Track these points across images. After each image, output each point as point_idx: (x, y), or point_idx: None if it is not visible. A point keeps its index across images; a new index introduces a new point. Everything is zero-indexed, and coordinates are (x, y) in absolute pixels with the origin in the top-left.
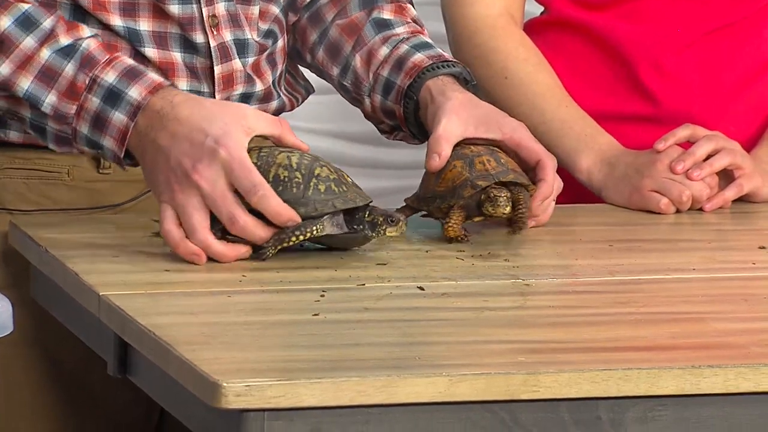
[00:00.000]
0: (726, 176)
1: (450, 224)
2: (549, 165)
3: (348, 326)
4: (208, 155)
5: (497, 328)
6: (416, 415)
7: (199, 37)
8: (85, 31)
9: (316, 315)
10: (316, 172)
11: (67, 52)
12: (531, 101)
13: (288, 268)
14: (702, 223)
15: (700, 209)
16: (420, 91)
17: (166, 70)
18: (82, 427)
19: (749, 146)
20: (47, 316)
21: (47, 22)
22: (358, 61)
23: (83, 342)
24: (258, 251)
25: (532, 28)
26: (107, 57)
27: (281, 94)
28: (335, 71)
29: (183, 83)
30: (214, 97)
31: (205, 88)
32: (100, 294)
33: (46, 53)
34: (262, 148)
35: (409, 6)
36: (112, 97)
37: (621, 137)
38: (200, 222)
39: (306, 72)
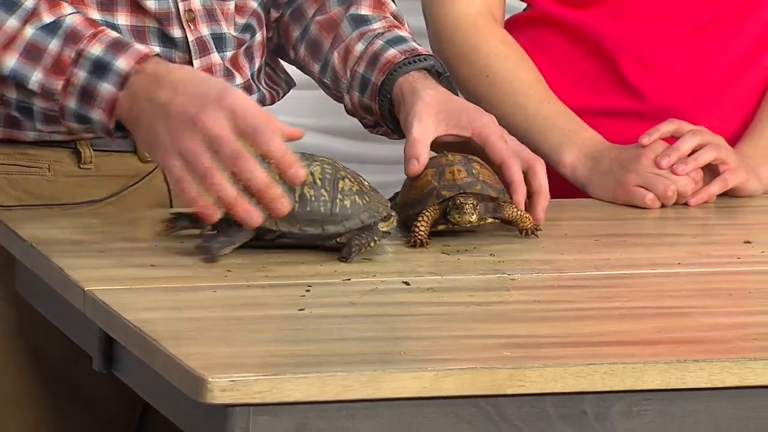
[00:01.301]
0: (711, 171)
1: (416, 233)
2: (512, 166)
3: (333, 321)
4: (213, 103)
5: (482, 323)
6: (402, 409)
7: (176, 32)
8: (67, 8)
9: (301, 310)
10: (340, 186)
11: (51, 28)
12: (513, 99)
13: (273, 263)
14: (687, 218)
15: (685, 204)
16: (392, 89)
17: None
18: (65, 421)
19: (734, 141)
20: (32, 310)
21: (29, 2)
22: (336, 58)
23: (68, 336)
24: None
25: (514, 24)
26: (92, 30)
27: (261, 87)
28: (316, 68)
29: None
30: None
31: None
32: (86, 289)
33: (29, 31)
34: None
35: (389, 1)
36: (99, 68)
37: (607, 133)
38: (211, 166)
39: (289, 66)
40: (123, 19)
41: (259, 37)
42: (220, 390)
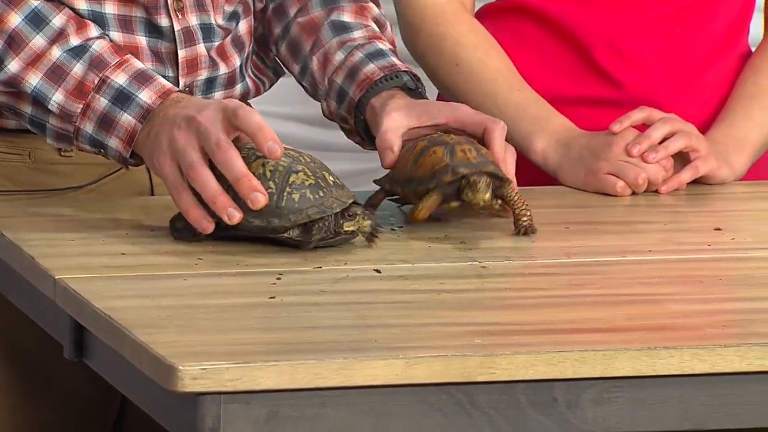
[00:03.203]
0: (682, 158)
1: (421, 207)
2: (494, 128)
3: (304, 309)
4: (212, 105)
5: (454, 311)
6: (373, 397)
7: (163, 21)
8: (93, 30)
9: (272, 298)
10: (291, 179)
11: (78, 52)
12: (483, 88)
13: (244, 252)
14: (658, 205)
15: (656, 191)
16: (365, 111)
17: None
18: (41, 410)
19: (707, 128)
20: (2, 299)
21: (57, 20)
22: (315, 63)
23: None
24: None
25: (486, 13)
26: (117, 59)
27: (246, 77)
28: (296, 69)
29: (148, 67)
30: (178, 82)
31: (170, 72)
32: (56, 277)
33: (56, 52)
34: (240, 152)
35: (371, 5)
36: (122, 98)
37: (582, 121)
38: (197, 160)
39: None
40: (110, 8)
41: (244, 25)
42: (191, 378)
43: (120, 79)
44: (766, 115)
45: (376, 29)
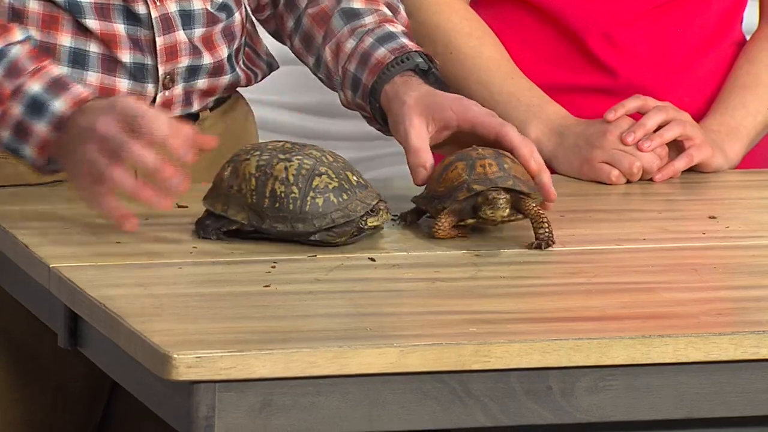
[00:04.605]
0: (676, 147)
1: (438, 226)
2: (509, 132)
3: (299, 297)
4: (104, 111)
5: (448, 299)
6: (367, 385)
7: (141, 8)
8: (17, 34)
9: (267, 286)
10: (315, 183)
11: None
12: (476, 76)
13: (239, 241)
14: (652, 194)
15: (651, 180)
16: (380, 98)
17: (108, 41)
18: (30, 397)
19: (701, 117)
20: None
21: None
22: (328, 53)
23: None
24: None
25: (481, 2)
26: (35, 66)
27: (237, 68)
28: (310, 62)
29: (126, 55)
30: (158, 70)
31: (149, 60)
32: (50, 266)
33: None
34: (263, 153)
35: None
36: (36, 106)
37: (576, 109)
38: (107, 163)
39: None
40: None
41: (237, 17)
42: (185, 367)
43: (35, 86)
44: (760, 104)
45: (388, 13)
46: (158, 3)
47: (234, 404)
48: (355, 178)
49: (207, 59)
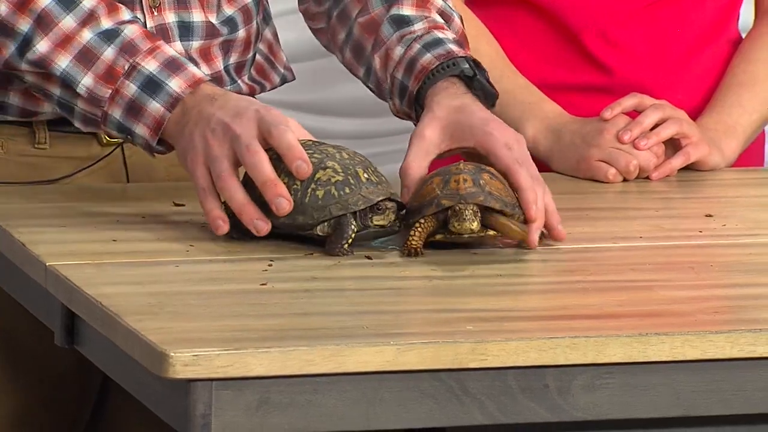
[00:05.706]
0: (673, 145)
1: (408, 242)
2: (517, 171)
3: (296, 296)
4: (250, 113)
5: (445, 297)
6: (364, 384)
7: (138, 18)
8: (126, 14)
9: (263, 284)
10: (317, 176)
11: (109, 35)
12: None
13: (236, 238)
14: (649, 192)
15: (647, 178)
16: (424, 104)
17: None
18: (25, 394)
19: (697, 115)
20: None
21: (87, 1)
22: (377, 62)
23: (29, 311)
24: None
25: (476, 1)
26: (149, 45)
27: (239, 81)
28: (361, 72)
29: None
30: None
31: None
32: (47, 264)
33: (87, 35)
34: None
35: None
36: (151, 85)
37: (573, 107)
38: (227, 169)
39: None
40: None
41: (242, 33)
42: (182, 365)
43: (150, 65)
44: (756, 102)
45: (439, 20)
46: (155, 12)
47: (231, 402)
48: (366, 175)
49: (204, 70)
